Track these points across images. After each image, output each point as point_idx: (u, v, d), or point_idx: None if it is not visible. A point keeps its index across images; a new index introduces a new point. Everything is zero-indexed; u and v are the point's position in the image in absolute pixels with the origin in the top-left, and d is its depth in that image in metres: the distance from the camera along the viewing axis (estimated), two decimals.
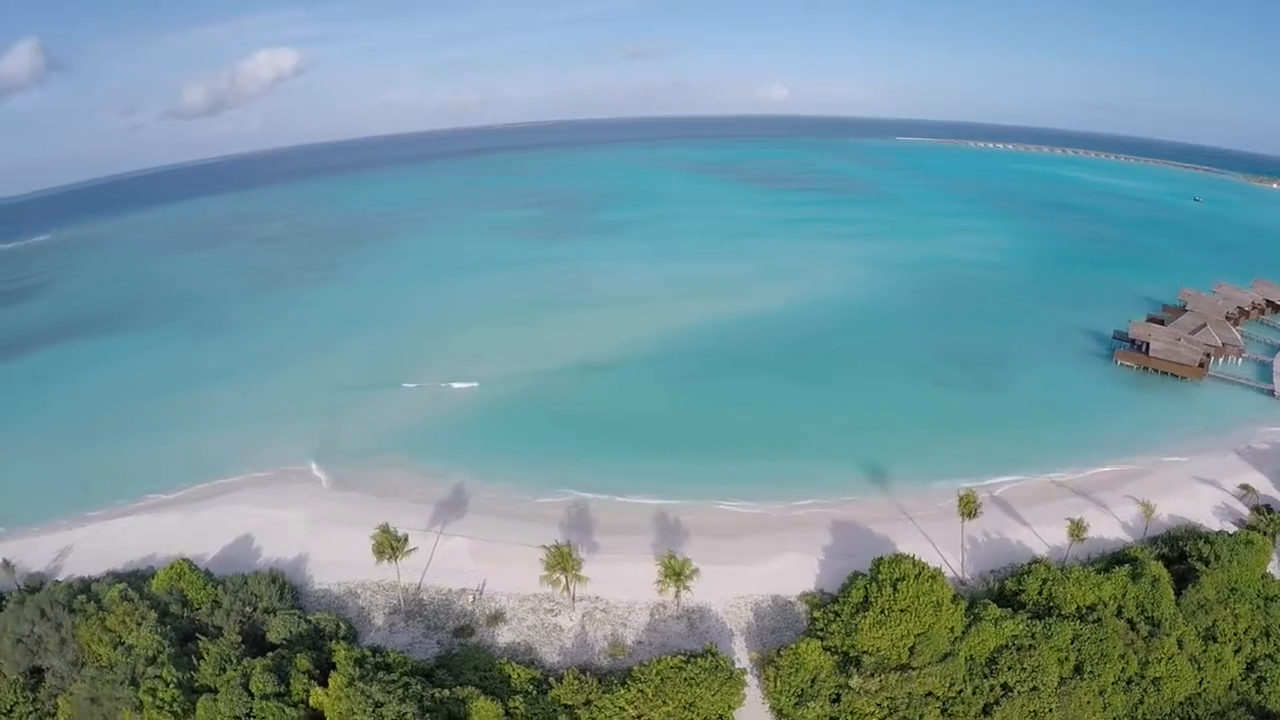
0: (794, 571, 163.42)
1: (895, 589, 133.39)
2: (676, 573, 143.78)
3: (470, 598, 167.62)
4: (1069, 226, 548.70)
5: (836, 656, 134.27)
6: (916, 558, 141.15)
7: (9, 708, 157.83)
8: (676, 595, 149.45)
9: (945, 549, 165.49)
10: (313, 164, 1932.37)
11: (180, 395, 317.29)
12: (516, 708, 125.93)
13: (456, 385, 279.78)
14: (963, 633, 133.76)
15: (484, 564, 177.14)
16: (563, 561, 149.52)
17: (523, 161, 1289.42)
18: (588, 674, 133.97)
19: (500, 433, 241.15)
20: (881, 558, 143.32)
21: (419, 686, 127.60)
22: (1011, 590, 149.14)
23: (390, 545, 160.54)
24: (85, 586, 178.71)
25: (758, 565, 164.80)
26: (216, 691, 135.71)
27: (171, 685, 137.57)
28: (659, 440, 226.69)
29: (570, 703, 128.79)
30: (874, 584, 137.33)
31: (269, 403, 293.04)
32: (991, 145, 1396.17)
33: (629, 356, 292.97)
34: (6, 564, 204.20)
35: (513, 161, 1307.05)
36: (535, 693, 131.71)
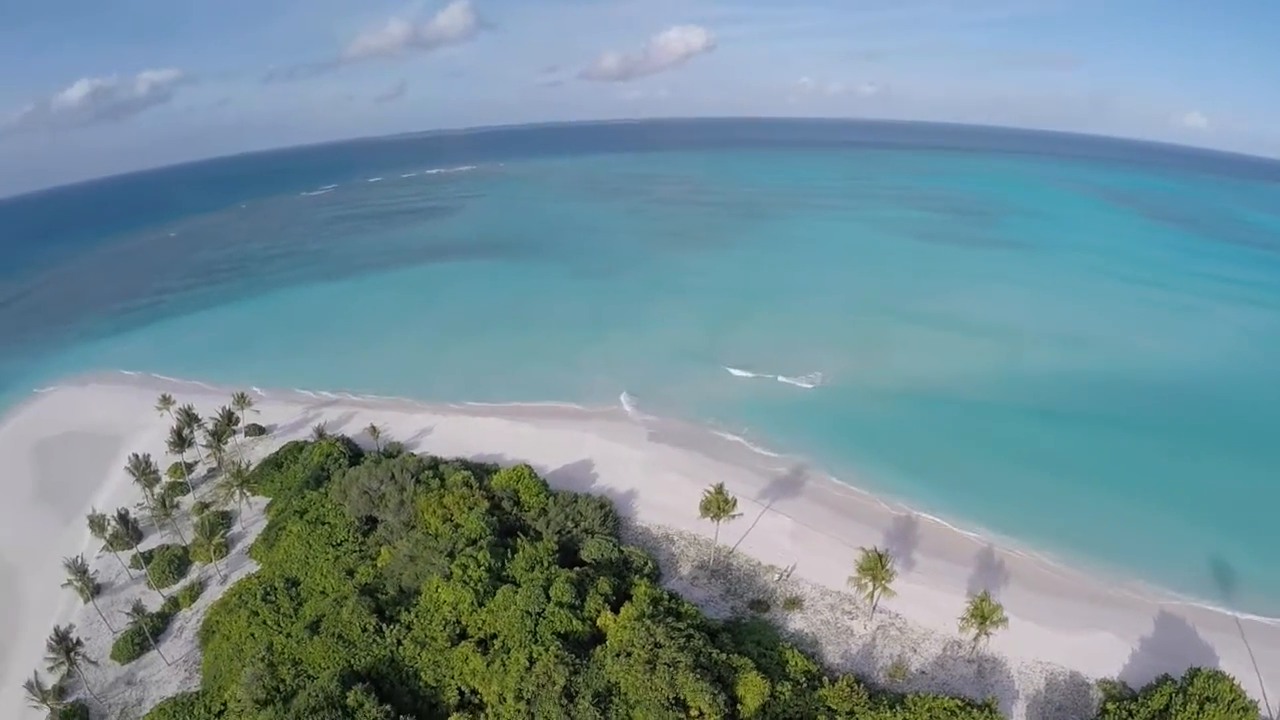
0: (1102, 652, 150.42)
1: (1201, 709, 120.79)
2: (984, 616, 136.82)
3: (776, 576, 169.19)
4: None
5: None
6: (1236, 682, 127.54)
7: (339, 541, 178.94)
8: (976, 638, 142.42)
9: (1270, 682, 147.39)
10: (713, 136, 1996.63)
11: (551, 323, 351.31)
12: (783, 693, 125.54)
13: (789, 381, 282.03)
14: None
15: (799, 547, 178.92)
16: (874, 568, 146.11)
17: (918, 160, 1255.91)
18: (861, 685, 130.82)
19: (838, 431, 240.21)
20: (1199, 669, 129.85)
21: (700, 642, 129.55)
22: None
23: (719, 505, 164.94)
24: (434, 464, 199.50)
25: (1067, 634, 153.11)
26: (519, 585, 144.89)
27: (482, 568, 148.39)
28: (998, 475, 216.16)
29: (835, 708, 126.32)
30: (1181, 695, 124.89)
31: (623, 349, 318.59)
32: None
33: (980, 384, 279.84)
34: (373, 429, 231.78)
35: (908, 159, 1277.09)
36: (805, 685, 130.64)
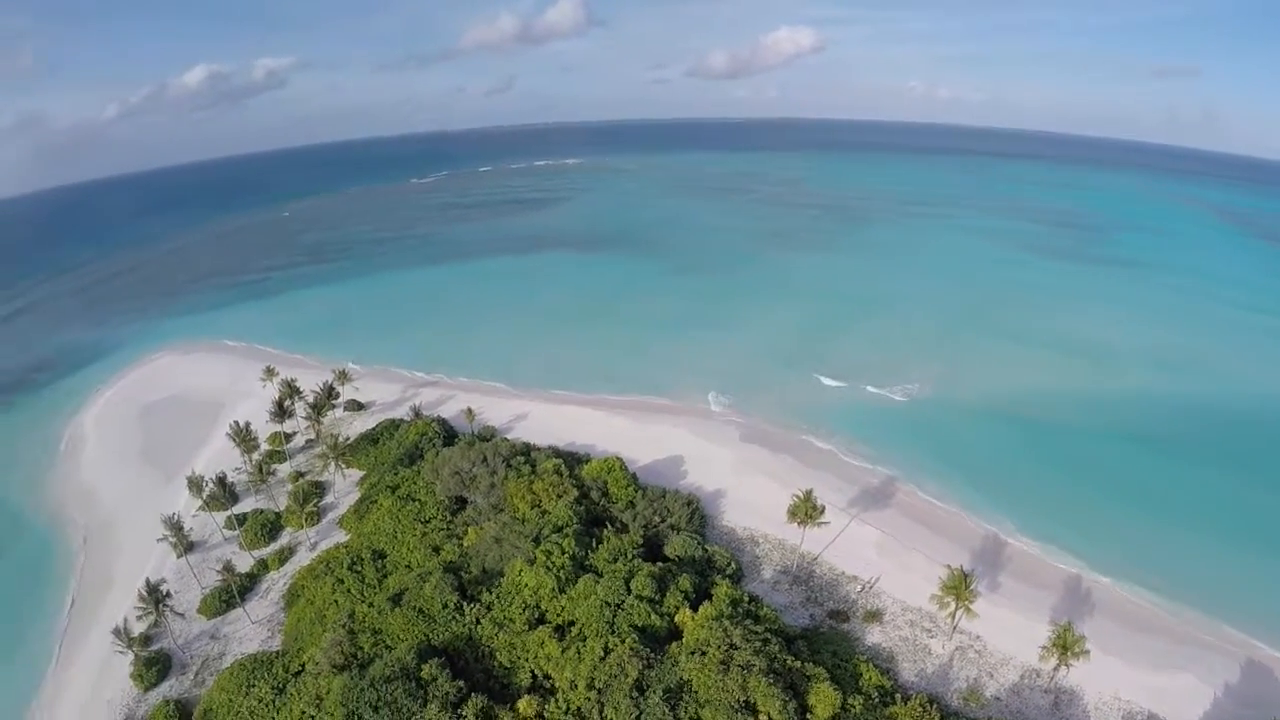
0: (1183, 695, 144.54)
1: None
2: (1065, 646, 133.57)
3: (858, 587, 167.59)
4: None
5: None
6: None
7: (428, 519, 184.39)
8: (1055, 669, 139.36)
9: None
10: (818, 138, 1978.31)
11: (647, 318, 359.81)
12: (853, 706, 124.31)
13: (879, 392, 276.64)
14: None
15: (884, 560, 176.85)
16: (958, 587, 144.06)
17: (1025, 169, 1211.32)
18: (934, 706, 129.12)
19: (930, 446, 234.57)
20: None
21: (776, 647, 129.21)
22: None
23: (806, 511, 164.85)
24: (526, 450, 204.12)
25: (1149, 673, 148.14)
26: (601, 575, 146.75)
27: (566, 555, 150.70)
28: (1090, 502, 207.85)
29: None
30: None
31: (715, 348, 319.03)
32: None
33: (1077, 407, 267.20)
34: (469, 411, 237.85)
35: (1014, 168, 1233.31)
36: (877, 700, 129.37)
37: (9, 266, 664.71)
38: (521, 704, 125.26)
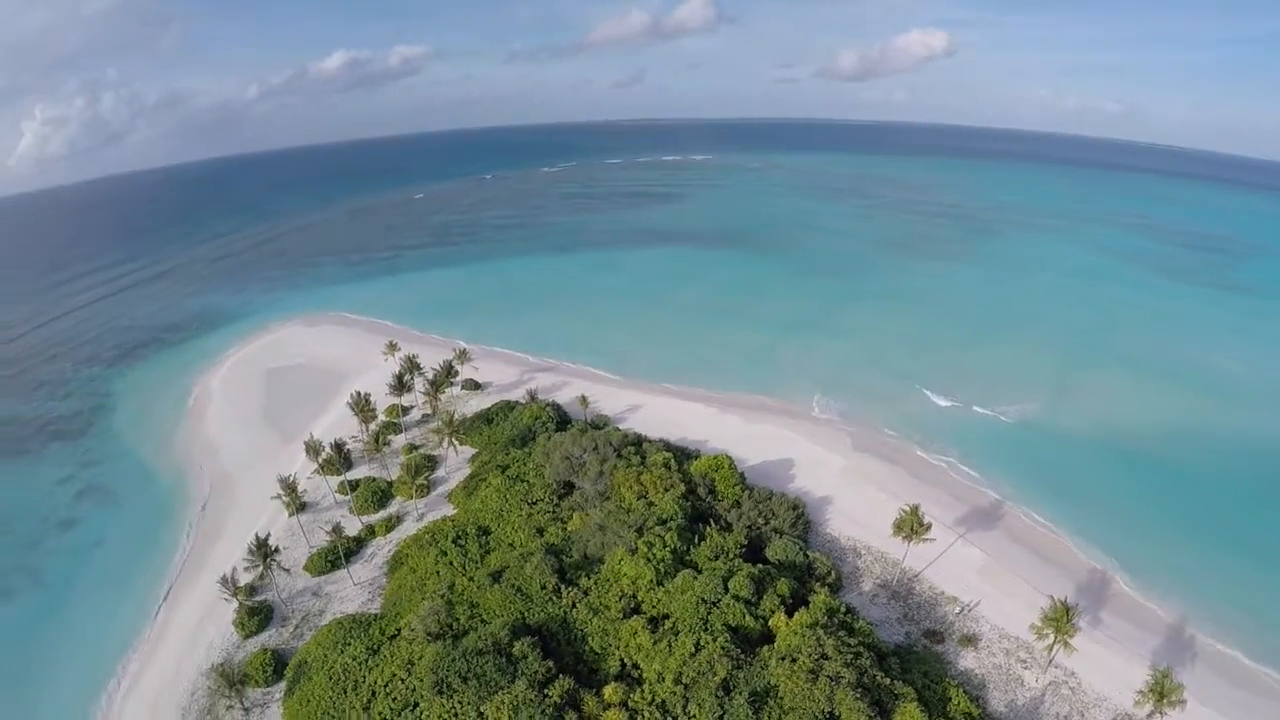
0: None
1: None
2: (1162, 694, 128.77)
3: (957, 608, 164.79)
4: None
5: None
6: None
7: (534, 500, 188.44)
8: (1149, 716, 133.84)
9: None
10: (945, 144, 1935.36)
11: (762, 317, 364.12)
12: None
13: (986, 412, 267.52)
14: None
15: (987, 584, 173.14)
16: (1059, 621, 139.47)
17: (1157, 185, 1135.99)
18: None
19: (1041, 471, 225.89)
20: None
21: (867, 661, 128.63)
22: None
23: (912, 526, 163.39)
24: (637, 441, 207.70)
25: None
26: (700, 572, 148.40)
27: (668, 549, 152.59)
28: (1204, 547, 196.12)
29: None
30: None
31: (825, 353, 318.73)
32: None
33: (1196, 446, 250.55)
34: (583, 399, 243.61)
35: (1145, 183, 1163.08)
36: None
37: (153, 234, 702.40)
38: (607, 690, 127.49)
